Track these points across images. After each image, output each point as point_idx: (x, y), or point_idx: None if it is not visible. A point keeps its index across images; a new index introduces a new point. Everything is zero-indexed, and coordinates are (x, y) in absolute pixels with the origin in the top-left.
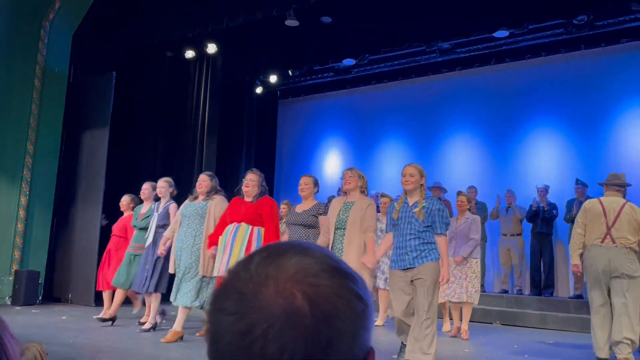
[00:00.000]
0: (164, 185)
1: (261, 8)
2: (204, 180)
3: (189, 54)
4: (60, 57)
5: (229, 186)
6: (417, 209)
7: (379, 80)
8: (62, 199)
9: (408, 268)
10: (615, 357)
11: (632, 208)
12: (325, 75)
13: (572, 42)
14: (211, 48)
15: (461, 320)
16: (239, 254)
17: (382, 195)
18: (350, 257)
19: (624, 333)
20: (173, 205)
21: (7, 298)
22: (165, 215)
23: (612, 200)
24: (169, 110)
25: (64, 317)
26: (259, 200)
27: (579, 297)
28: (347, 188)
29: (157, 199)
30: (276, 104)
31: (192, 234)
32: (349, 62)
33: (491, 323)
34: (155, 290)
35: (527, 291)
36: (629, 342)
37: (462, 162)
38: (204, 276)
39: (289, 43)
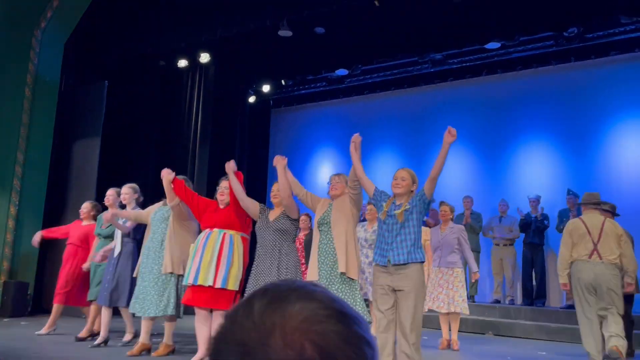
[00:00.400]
0: (128, 191)
1: (254, 19)
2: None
3: (182, 63)
4: (52, 66)
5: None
6: (398, 211)
7: (371, 90)
8: (52, 210)
9: (393, 264)
10: None
11: (611, 223)
12: (318, 84)
13: (562, 54)
14: (204, 57)
15: (450, 331)
16: (209, 262)
17: (368, 203)
18: (342, 252)
19: (615, 331)
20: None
21: None
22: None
23: (592, 218)
24: (162, 119)
25: (53, 329)
26: (231, 204)
27: (571, 307)
28: (334, 194)
29: (122, 206)
30: (269, 113)
31: (159, 239)
32: (341, 72)
33: (483, 333)
34: (127, 304)
35: (519, 301)
36: (620, 336)
37: (454, 172)
38: (165, 274)
39: (282, 53)
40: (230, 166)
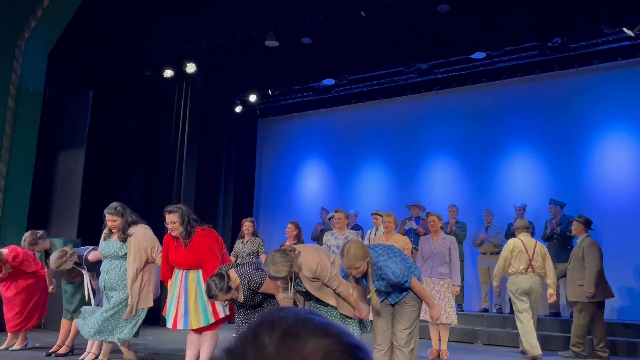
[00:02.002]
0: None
1: (241, 29)
2: (111, 220)
3: (168, 73)
4: (35, 76)
5: (208, 205)
6: (371, 295)
7: (358, 100)
8: (35, 221)
9: (393, 303)
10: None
11: (540, 245)
12: (305, 94)
13: (546, 64)
14: (190, 67)
15: (440, 341)
16: (195, 300)
17: (336, 211)
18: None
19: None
20: (93, 253)
21: None
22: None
23: (528, 240)
24: (148, 130)
25: (37, 345)
26: (193, 241)
27: (556, 314)
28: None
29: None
30: (256, 123)
31: (118, 272)
32: (328, 81)
33: (472, 343)
34: None
35: (507, 309)
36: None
37: (441, 181)
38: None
39: (269, 63)
40: None
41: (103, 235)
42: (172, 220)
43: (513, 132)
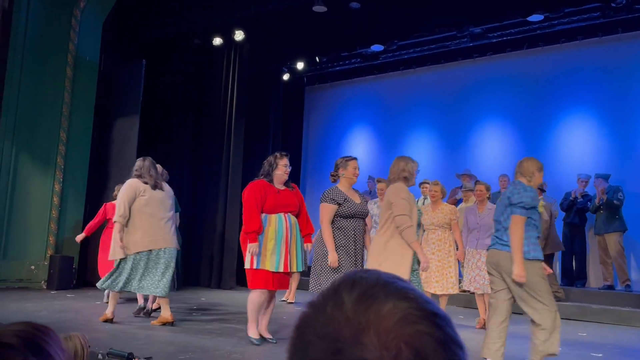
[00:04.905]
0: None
1: None
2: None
3: (217, 41)
4: (91, 45)
5: (256, 173)
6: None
7: (407, 66)
8: (94, 186)
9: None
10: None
11: None
12: (352, 61)
13: (609, 26)
14: (238, 35)
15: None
16: (297, 248)
17: (379, 180)
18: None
19: None
20: None
21: (42, 282)
22: None
23: None
24: (197, 97)
25: (97, 302)
26: (292, 187)
27: (610, 288)
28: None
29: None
30: (302, 91)
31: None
32: (377, 47)
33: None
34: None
35: (558, 282)
36: None
37: (492, 150)
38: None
39: (317, 29)
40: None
41: None
42: (287, 164)
43: (571, 100)
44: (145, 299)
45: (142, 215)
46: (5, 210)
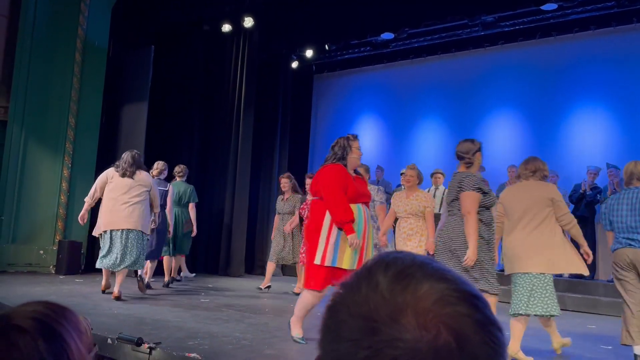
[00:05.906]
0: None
1: None
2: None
3: (226, 28)
4: (100, 30)
5: (264, 160)
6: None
7: (417, 55)
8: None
9: None
10: None
11: None
12: (362, 49)
13: (624, 16)
14: (248, 22)
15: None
16: (371, 244)
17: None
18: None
19: None
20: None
21: (51, 267)
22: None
23: None
24: (206, 84)
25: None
26: (360, 174)
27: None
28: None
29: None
30: (311, 79)
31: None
32: (387, 35)
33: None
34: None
35: (567, 274)
36: None
37: (502, 141)
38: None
39: (326, 16)
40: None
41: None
42: (360, 147)
43: (583, 90)
44: (169, 272)
45: (107, 199)
46: (15, 195)
